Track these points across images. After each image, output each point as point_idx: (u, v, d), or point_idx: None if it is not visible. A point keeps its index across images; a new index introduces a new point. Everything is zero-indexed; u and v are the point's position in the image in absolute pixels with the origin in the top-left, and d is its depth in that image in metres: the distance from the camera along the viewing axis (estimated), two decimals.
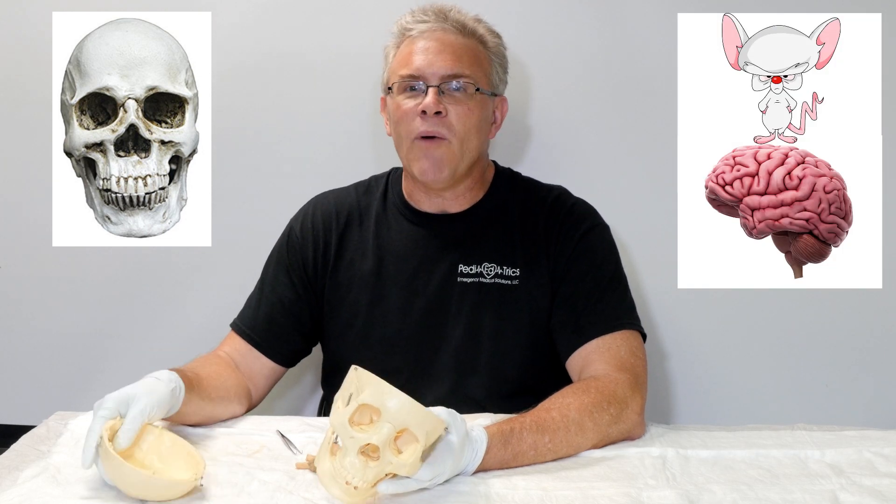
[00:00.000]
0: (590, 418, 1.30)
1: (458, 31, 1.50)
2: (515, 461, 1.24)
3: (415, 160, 1.49)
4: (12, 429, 1.70)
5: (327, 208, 1.62)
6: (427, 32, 1.50)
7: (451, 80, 1.48)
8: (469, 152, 1.50)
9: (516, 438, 1.24)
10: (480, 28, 1.53)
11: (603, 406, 1.32)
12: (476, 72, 1.50)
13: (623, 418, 1.34)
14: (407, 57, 1.50)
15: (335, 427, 1.10)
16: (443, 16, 1.51)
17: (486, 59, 1.53)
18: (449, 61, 1.48)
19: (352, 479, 1.08)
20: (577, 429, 1.29)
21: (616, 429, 1.33)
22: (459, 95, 1.48)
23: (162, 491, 1.12)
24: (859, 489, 1.17)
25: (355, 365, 1.13)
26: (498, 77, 1.56)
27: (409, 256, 1.55)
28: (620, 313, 1.48)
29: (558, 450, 1.27)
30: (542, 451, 1.26)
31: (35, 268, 2.03)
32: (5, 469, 1.23)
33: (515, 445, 1.24)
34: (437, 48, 1.48)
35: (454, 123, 1.47)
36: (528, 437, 1.25)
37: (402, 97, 1.50)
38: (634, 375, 1.40)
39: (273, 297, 1.57)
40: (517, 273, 1.52)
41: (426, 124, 1.47)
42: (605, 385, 1.36)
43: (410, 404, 1.07)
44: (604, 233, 1.56)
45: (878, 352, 1.94)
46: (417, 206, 1.58)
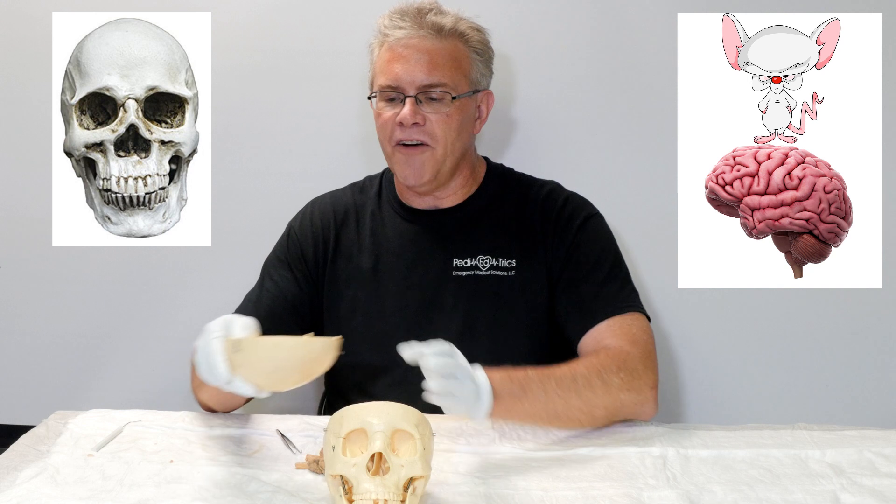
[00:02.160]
0: (598, 376, 1.32)
1: (436, 34, 1.49)
2: (527, 396, 1.26)
3: (397, 165, 1.52)
4: (12, 429, 1.70)
5: (325, 208, 1.64)
6: (403, 39, 1.49)
7: (429, 90, 1.48)
8: (452, 154, 1.52)
9: (521, 373, 1.27)
10: (461, 26, 1.52)
11: (612, 369, 1.34)
12: (454, 76, 1.50)
13: (635, 387, 1.35)
14: (385, 65, 1.50)
15: (350, 478, 1.08)
16: (419, 20, 1.50)
17: (465, 59, 1.52)
18: (425, 70, 1.48)
19: (380, 498, 1.06)
20: (584, 382, 1.31)
21: (628, 396, 1.34)
22: (437, 104, 1.49)
23: (318, 354, 1.14)
24: (860, 489, 1.17)
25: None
26: (480, 73, 1.55)
27: (404, 253, 1.56)
28: (626, 296, 1.50)
29: (568, 396, 1.29)
30: (551, 391, 1.28)
31: (35, 268, 2.03)
32: (4, 469, 1.23)
33: (521, 379, 1.26)
34: (413, 56, 1.48)
35: (434, 130, 1.49)
36: (533, 373, 1.28)
37: (382, 104, 1.51)
38: (647, 352, 1.42)
39: (275, 290, 1.58)
40: (513, 264, 1.53)
41: (405, 133, 1.49)
42: (616, 353, 1.39)
43: (387, 406, 1.09)
44: (600, 221, 1.58)
45: (878, 352, 1.94)
46: (409, 202, 1.60)
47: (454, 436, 1.34)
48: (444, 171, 1.52)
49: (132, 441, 1.33)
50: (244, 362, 1.16)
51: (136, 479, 1.20)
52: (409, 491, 1.07)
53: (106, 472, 1.22)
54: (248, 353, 1.16)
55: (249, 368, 1.17)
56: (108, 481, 1.19)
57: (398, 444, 1.09)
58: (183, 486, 1.18)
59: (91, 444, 1.31)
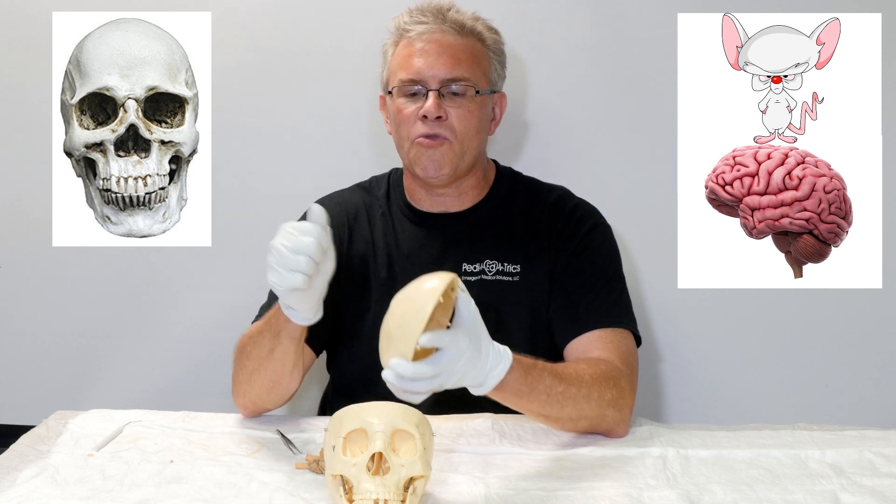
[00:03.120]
0: (597, 390, 1.32)
1: (457, 31, 1.50)
2: (528, 396, 1.26)
3: (416, 159, 1.50)
4: (12, 429, 1.70)
5: (335, 208, 1.61)
6: (426, 34, 1.50)
7: (451, 84, 1.48)
8: (470, 151, 1.51)
9: (537, 372, 1.26)
10: (479, 26, 1.53)
11: (609, 384, 1.34)
12: (475, 73, 1.50)
13: (619, 406, 1.35)
14: (406, 59, 1.50)
15: (350, 477, 1.08)
16: (441, 16, 1.50)
17: (484, 58, 1.53)
18: (448, 64, 1.48)
19: (381, 498, 1.06)
20: (585, 393, 1.31)
21: (612, 414, 1.34)
22: (460, 98, 1.49)
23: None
24: (860, 489, 1.17)
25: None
26: (497, 74, 1.56)
27: (415, 257, 1.55)
28: (619, 311, 1.49)
29: (564, 405, 1.29)
30: (553, 399, 1.28)
31: (35, 268, 2.03)
32: (4, 469, 1.23)
33: (535, 379, 1.26)
34: (436, 51, 1.48)
35: (455, 125, 1.48)
36: (547, 377, 1.27)
37: (403, 100, 1.50)
38: (634, 373, 1.42)
39: None
40: (517, 269, 1.53)
41: (427, 127, 1.48)
42: (613, 369, 1.38)
43: (387, 406, 1.09)
44: (606, 232, 1.57)
45: (878, 352, 1.94)
46: (419, 205, 1.58)
47: (454, 436, 1.34)
48: (461, 168, 1.52)
49: (132, 441, 1.33)
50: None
51: (136, 479, 1.20)
52: (409, 491, 1.07)
53: (106, 472, 1.22)
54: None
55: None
56: (109, 481, 1.19)
57: (398, 444, 1.09)
58: (183, 486, 1.18)
59: (91, 444, 1.31)
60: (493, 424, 1.38)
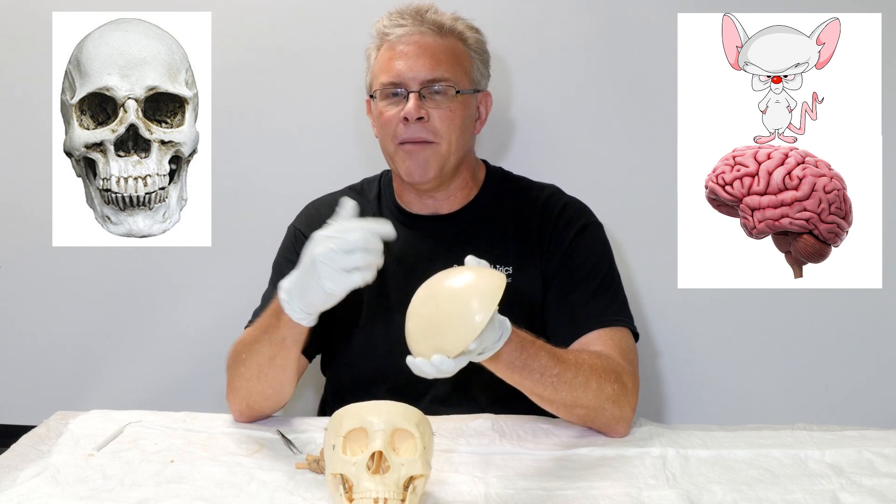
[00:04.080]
0: (595, 381, 1.32)
1: (436, 32, 1.50)
2: (521, 371, 1.26)
3: (401, 162, 1.51)
4: (12, 429, 1.70)
5: (327, 210, 1.61)
6: (405, 37, 1.49)
7: (432, 84, 1.48)
8: (455, 151, 1.51)
9: (535, 349, 1.26)
10: (459, 25, 1.53)
11: (610, 378, 1.34)
12: (456, 72, 1.50)
13: (621, 403, 1.35)
14: (386, 63, 1.50)
15: (350, 476, 1.08)
16: (420, 18, 1.50)
17: (466, 57, 1.53)
18: (428, 65, 1.48)
19: (380, 497, 1.06)
20: (583, 381, 1.31)
21: (612, 409, 1.34)
22: (441, 98, 1.48)
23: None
24: (860, 489, 1.17)
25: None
26: (479, 73, 1.56)
27: (405, 259, 1.55)
28: (616, 309, 1.49)
29: (559, 388, 1.29)
30: (546, 379, 1.28)
31: (35, 268, 2.03)
32: (5, 469, 1.23)
33: (530, 356, 1.26)
34: (415, 52, 1.48)
35: (438, 126, 1.48)
36: (544, 356, 1.27)
37: (385, 103, 1.51)
38: (636, 372, 1.42)
39: None
40: (510, 270, 1.52)
41: (409, 130, 1.48)
42: (616, 364, 1.38)
43: (387, 405, 1.09)
44: (598, 230, 1.57)
45: (878, 352, 1.94)
46: (409, 207, 1.58)
47: (454, 436, 1.34)
48: (447, 169, 1.51)
49: (133, 441, 1.33)
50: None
51: (136, 479, 1.20)
52: (409, 490, 1.07)
53: (106, 472, 1.22)
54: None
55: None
56: (109, 481, 1.19)
57: (398, 443, 1.09)
58: (183, 486, 1.18)
59: (92, 444, 1.31)
60: (493, 424, 1.38)
